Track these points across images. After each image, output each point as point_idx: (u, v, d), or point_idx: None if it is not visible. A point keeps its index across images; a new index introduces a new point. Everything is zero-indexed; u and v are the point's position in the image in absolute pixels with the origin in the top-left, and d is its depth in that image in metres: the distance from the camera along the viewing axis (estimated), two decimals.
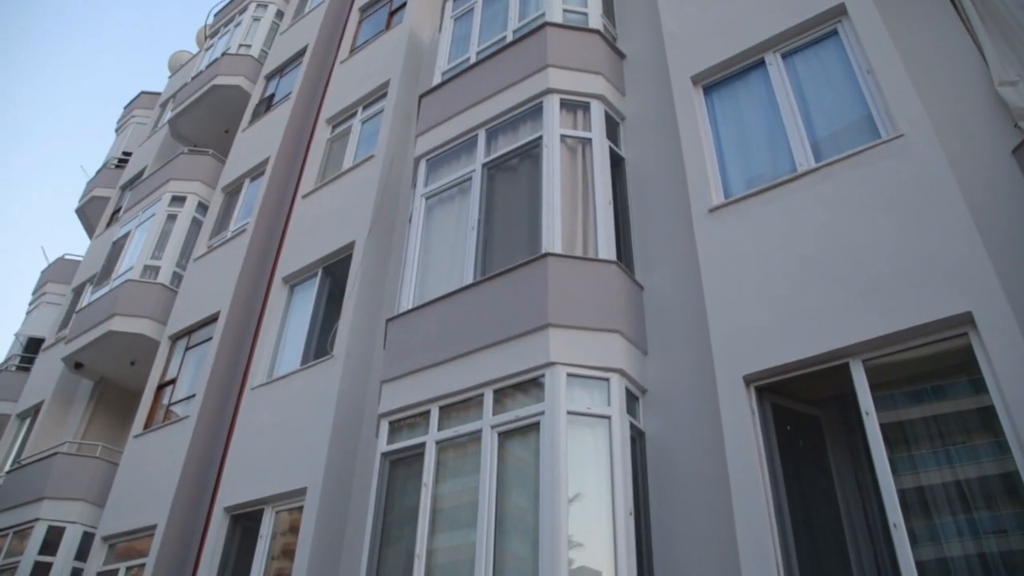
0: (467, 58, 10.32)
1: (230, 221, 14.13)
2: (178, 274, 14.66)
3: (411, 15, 13.57)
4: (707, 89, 7.94)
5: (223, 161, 16.32)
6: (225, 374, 11.32)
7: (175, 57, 25.49)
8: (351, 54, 14.58)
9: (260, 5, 19.70)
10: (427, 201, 8.96)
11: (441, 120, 9.54)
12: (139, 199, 16.76)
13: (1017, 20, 6.19)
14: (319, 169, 12.88)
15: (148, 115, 24.55)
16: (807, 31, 7.43)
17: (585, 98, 8.49)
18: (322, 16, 16.68)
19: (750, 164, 7.14)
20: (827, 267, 5.84)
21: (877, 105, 6.46)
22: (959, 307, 5.09)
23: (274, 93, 16.30)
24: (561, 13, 9.46)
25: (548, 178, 7.71)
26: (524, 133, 8.50)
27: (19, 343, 21.12)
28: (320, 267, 11.02)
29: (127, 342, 13.96)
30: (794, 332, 5.75)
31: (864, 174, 6.07)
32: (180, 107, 18.45)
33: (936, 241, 5.42)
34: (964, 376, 5.20)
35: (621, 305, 6.95)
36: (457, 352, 7.17)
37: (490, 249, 7.89)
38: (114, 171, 23.10)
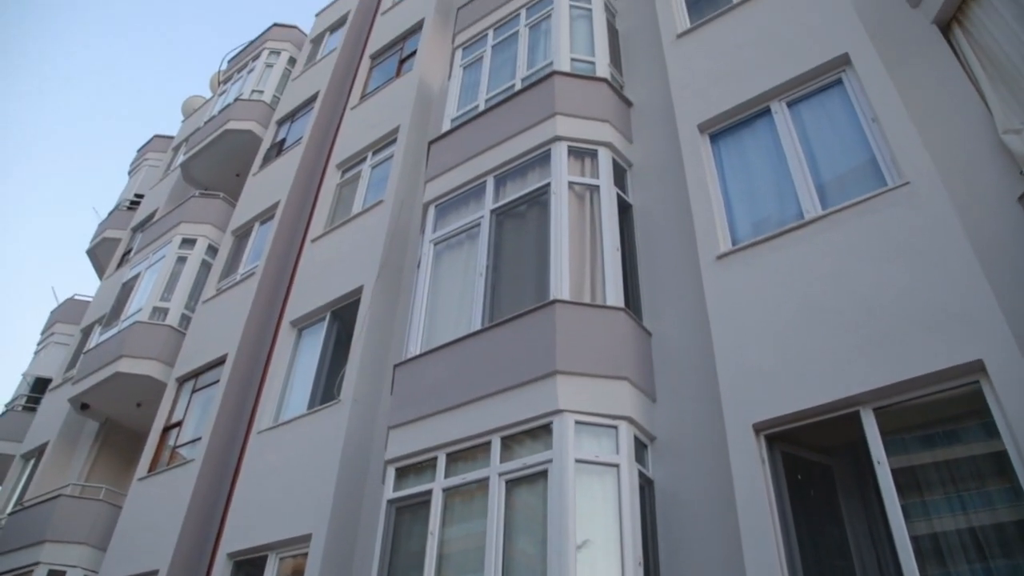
0: (476, 105, 10.47)
1: (239, 264, 14.22)
2: (187, 316, 14.73)
3: (421, 63, 13.82)
4: (714, 137, 8.02)
5: (234, 204, 16.51)
6: (231, 417, 11.29)
7: (188, 102, 25.95)
8: (361, 100, 14.82)
9: (273, 52, 20.12)
10: (435, 247, 9.02)
11: (450, 166, 9.65)
12: (150, 241, 16.92)
13: (1019, 69, 6.24)
14: (328, 213, 12.99)
15: (161, 158, 24.90)
16: (812, 80, 7.52)
17: (593, 145, 8.59)
18: (333, 63, 17.00)
19: (757, 211, 7.18)
20: (836, 314, 5.83)
21: (882, 153, 6.51)
22: (970, 355, 5.05)
23: (285, 138, 16.54)
24: (569, 62, 9.62)
25: (556, 225, 7.76)
26: (532, 180, 8.58)
27: (26, 383, 21.15)
28: (328, 311, 11.06)
29: (134, 383, 13.97)
30: (803, 380, 5.71)
31: (871, 221, 6.09)
32: (192, 151, 18.72)
33: (944, 288, 5.41)
34: (976, 421, 5.15)
35: (629, 352, 6.94)
36: (465, 398, 7.14)
37: (498, 295, 7.91)
38: (126, 213, 23.36)
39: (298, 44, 20.58)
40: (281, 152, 16.01)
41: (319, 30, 19.59)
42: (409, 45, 15.08)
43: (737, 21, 8.62)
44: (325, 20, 19.78)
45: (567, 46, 9.85)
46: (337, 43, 17.88)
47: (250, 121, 17.79)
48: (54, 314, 22.64)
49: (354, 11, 18.65)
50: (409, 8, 16.20)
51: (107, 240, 22.63)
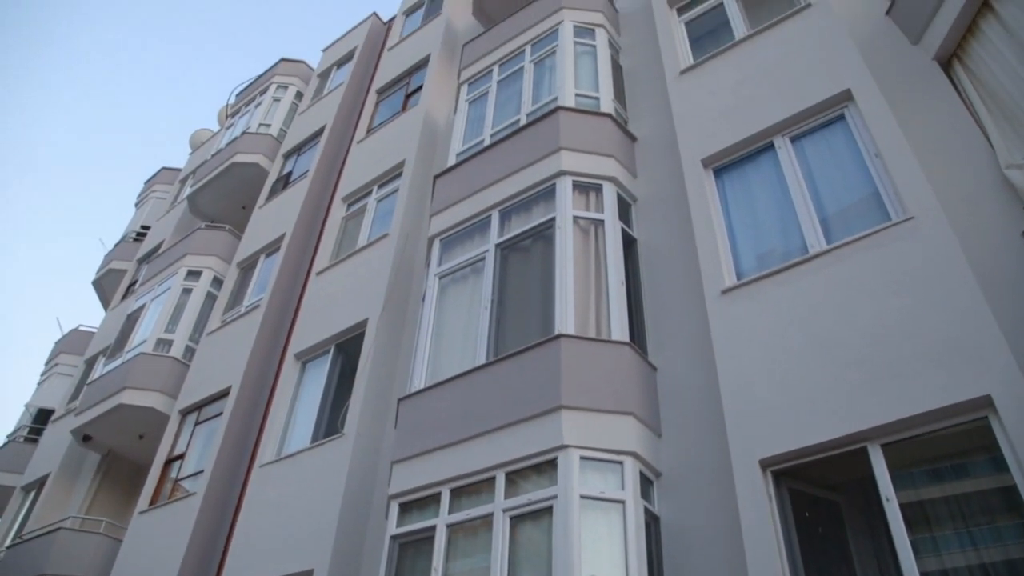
0: (481, 140, 10.55)
1: (244, 296, 14.25)
2: (191, 348, 14.73)
3: (427, 98, 13.97)
4: (717, 171, 8.07)
5: (239, 237, 16.59)
6: (234, 450, 11.23)
7: (196, 135, 26.20)
8: (368, 134, 14.96)
9: (281, 86, 20.36)
10: (440, 280, 9.04)
11: (455, 200, 9.71)
12: (155, 273, 16.99)
13: (1019, 104, 6.29)
14: (334, 246, 13.05)
15: (168, 190, 25.08)
16: (814, 116, 7.59)
17: (597, 180, 8.65)
18: (340, 97, 17.19)
19: (762, 246, 7.20)
20: (841, 349, 5.81)
21: (886, 187, 6.54)
22: (977, 390, 5.03)
23: (291, 171, 16.66)
24: (573, 97, 9.73)
25: (561, 259, 7.78)
26: (537, 214, 8.63)
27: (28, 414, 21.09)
28: (333, 344, 11.05)
29: (137, 415, 13.93)
30: (810, 416, 5.68)
31: (876, 256, 6.10)
32: (199, 183, 18.86)
33: (950, 323, 5.40)
34: (985, 455, 5.11)
35: (634, 387, 6.91)
36: (469, 433, 7.10)
37: (503, 329, 7.91)
38: (132, 244, 23.47)
39: (305, 78, 20.83)
40: (287, 185, 16.13)
41: (326, 65, 19.84)
42: (415, 80, 15.27)
43: (739, 58, 8.72)
44: (332, 55, 20.05)
45: (572, 82, 9.97)
46: (344, 78, 18.10)
47: (257, 154, 17.95)
48: (58, 345, 22.66)
49: (361, 46, 18.90)
50: (416, 44, 16.43)
51: (113, 271, 22.72)
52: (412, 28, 17.62)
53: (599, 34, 10.92)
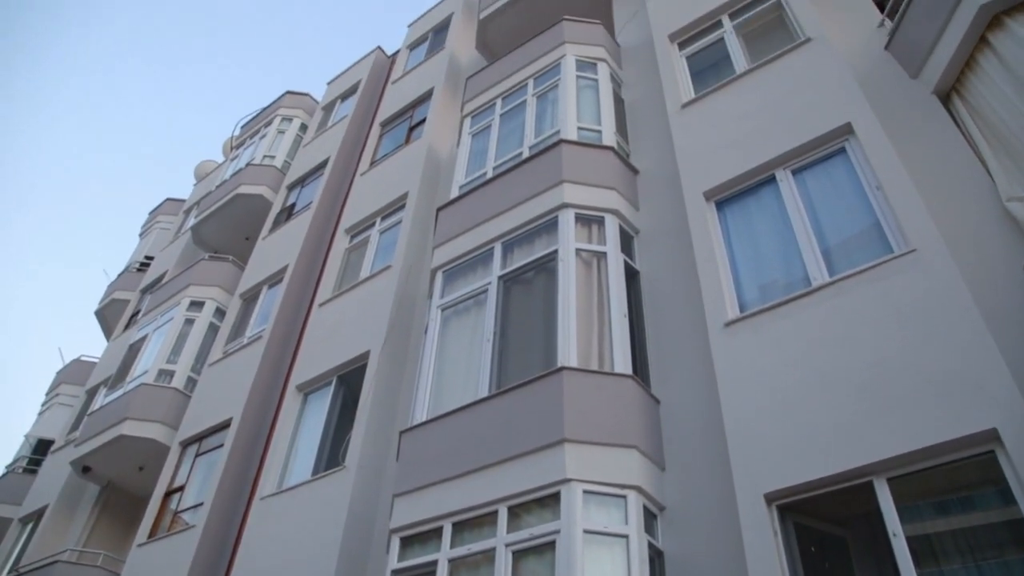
0: (484, 172, 10.62)
1: (246, 327, 14.25)
2: (192, 379, 14.70)
3: (430, 130, 14.10)
4: (719, 204, 8.10)
5: (243, 268, 16.64)
6: (234, 483, 11.16)
7: (201, 166, 26.40)
8: (371, 166, 15.07)
9: (285, 119, 20.57)
10: (443, 312, 9.04)
11: (458, 232, 9.75)
12: (158, 303, 17.02)
13: (1018, 138, 6.33)
14: (336, 278, 13.07)
15: (172, 221, 25.20)
16: (815, 149, 7.63)
17: (600, 212, 8.68)
18: (344, 130, 17.36)
19: (764, 278, 7.20)
20: (846, 383, 5.79)
21: (888, 220, 6.56)
22: (983, 423, 5.00)
23: (295, 203, 16.77)
24: (576, 130, 9.81)
25: (564, 291, 7.79)
26: (540, 246, 8.65)
27: (28, 444, 21.00)
28: (335, 376, 11.03)
29: (137, 447, 13.87)
30: (815, 449, 5.64)
31: (879, 289, 6.09)
32: (203, 214, 18.97)
33: (954, 356, 5.39)
34: (992, 488, 5.07)
35: (638, 420, 6.88)
36: (471, 467, 7.05)
37: (505, 362, 7.89)
38: (135, 275, 23.53)
39: (310, 111, 21.05)
40: (291, 216, 16.22)
41: (331, 98, 20.06)
42: (419, 113, 15.42)
43: (741, 91, 8.81)
44: (337, 88, 20.28)
45: (574, 115, 10.06)
46: (348, 110, 18.29)
47: (261, 186, 18.08)
48: (60, 375, 22.64)
49: (365, 80, 19.13)
50: (419, 77, 16.62)
51: (116, 301, 22.76)
52: (416, 62, 17.86)
53: (601, 68, 11.05)
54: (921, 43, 7.71)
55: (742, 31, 9.96)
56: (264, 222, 17.46)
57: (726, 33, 9.99)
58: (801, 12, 9.05)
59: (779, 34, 9.50)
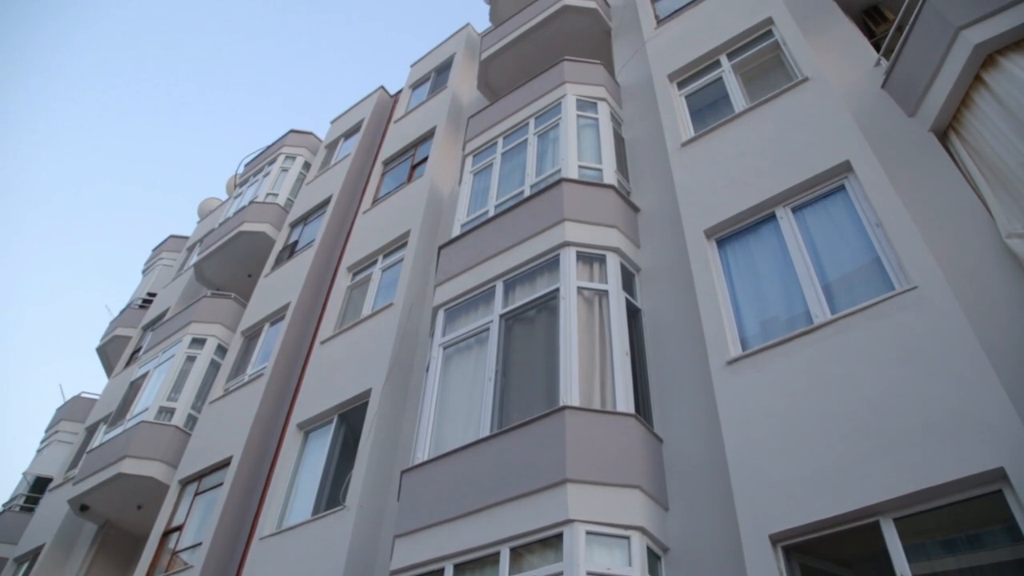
0: (486, 211, 10.68)
1: (248, 365, 14.22)
2: (193, 416, 14.64)
3: (432, 169, 14.21)
4: (720, 242, 8.13)
5: (245, 305, 16.66)
6: (234, 522, 11.04)
7: (204, 203, 26.58)
8: (373, 205, 15.17)
9: (289, 157, 20.76)
10: (445, 351, 9.02)
11: (460, 271, 9.77)
12: (160, 340, 17.01)
13: (1015, 174, 6.35)
14: (338, 316, 13.07)
15: (175, 258, 25.31)
16: (815, 187, 7.68)
17: (601, 251, 8.71)
18: (347, 168, 17.50)
19: (766, 316, 7.20)
20: (850, 421, 5.75)
21: (888, 257, 6.59)
22: (990, 462, 4.96)
23: (298, 240, 16.85)
24: (576, 169, 9.88)
25: (565, 330, 7.78)
26: (541, 285, 8.66)
27: (26, 482, 20.85)
28: (336, 414, 10.97)
29: (136, 485, 13.75)
30: (820, 489, 5.58)
31: (881, 326, 6.09)
32: (206, 251, 19.05)
33: (959, 394, 5.36)
34: (1000, 525, 5.01)
35: (640, 459, 6.82)
36: (473, 507, 6.98)
37: (507, 401, 7.85)
38: (137, 311, 23.56)
39: (313, 149, 21.25)
40: (293, 254, 16.28)
41: (334, 136, 20.27)
42: (421, 151, 15.57)
43: (740, 130, 8.89)
44: (340, 127, 20.49)
45: (575, 154, 10.15)
46: (351, 149, 18.47)
47: (264, 223, 18.18)
48: (59, 412, 22.57)
49: (368, 118, 19.34)
50: (422, 116, 16.80)
51: (118, 338, 22.76)
52: (418, 101, 18.07)
53: (601, 107, 11.17)
54: (917, 82, 7.78)
55: (740, 70, 10.10)
56: (267, 259, 17.53)
57: (724, 72, 10.12)
58: (798, 52, 9.17)
59: (777, 73, 9.63)
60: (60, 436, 21.45)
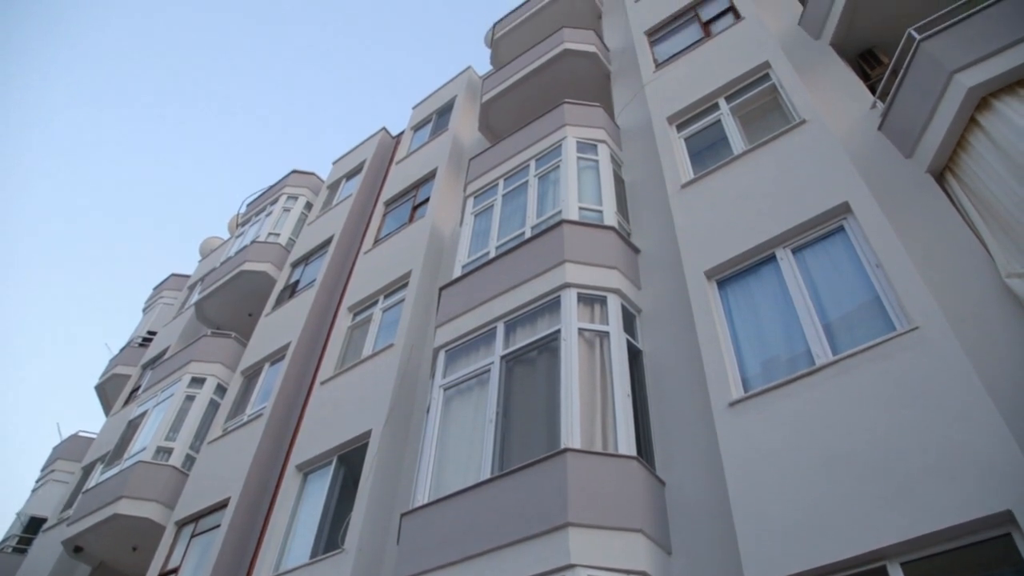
0: (487, 252, 10.72)
1: (247, 405, 14.16)
2: (191, 456, 14.53)
3: (433, 210, 14.31)
4: (721, 283, 8.14)
5: (245, 344, 16.64)
6: (231, 565, 10.88)
7: (206, 242, 26.69)
8: (375, 245, 15.24)
9: (291, 197, 20.91)
10: (445, 392, 8.99)
11: (460, 312, 9.77)
12: (159, 379, 16.96)
13: (1012, 215, 6.38)
14: (339, 356, 13.04)
15: (176, 296, 25.35)
16: (814, 228, 7.72)
17: (602, 292, 8.72)
18: (349, 208, 17.63)
19: (768, 357, 7.18)
20: (854, 463, 5.70)
21: (888, 297, 6.59)
22: (997, 505, 4.91)
23: (299, 280, 16.89)
24: (577, 211, 9.95)
25: (566, 372, 7.76)
26: (542, 326, 8.65)
27: (20, 523, 20.62)
28: (335, 456, 10.88)
29: (132, 526, 13.60)
30: (825, 533, 5.52)
31: (883, 367, 6.07)
32: (208, 290, 19.09)
33: (964, 436, 5.32)
34: (1010, 569, 4.93)
35: (643, 503, 6.75)
36: (474, 551, 6.89)
37: (508, 443, 7.80)
38: (137, 350, 23.54)
39: (315, 189, 21.42)
40: (294, 294, 16.31)
41: (336, 176, 20.44)
42: (422, 192, 15.70)
43: (738, 172, 8.96)
44: (342, 167, 20.69)
45: (575, 195, 10.22)
46: (353, 189, 18.62)
47: (265, 262, 18.25)
48: (56, 450, 22.42)
49: (370, 159, 19.53)
50: (423, 157, 16.97)
51: (117, 376, 22.70)
52: (420, 142, 18.27)
53: (601, 149, 11.28)
54: (913, 124, 7.86)
55: (738, 113, 10.22)
56: (267, 299, 17.55)
57: (723, 115, 10.24)
58: (795, 94, 9.29)
59: (775, 115, 9.74)
60: (56, 475, 21.29)
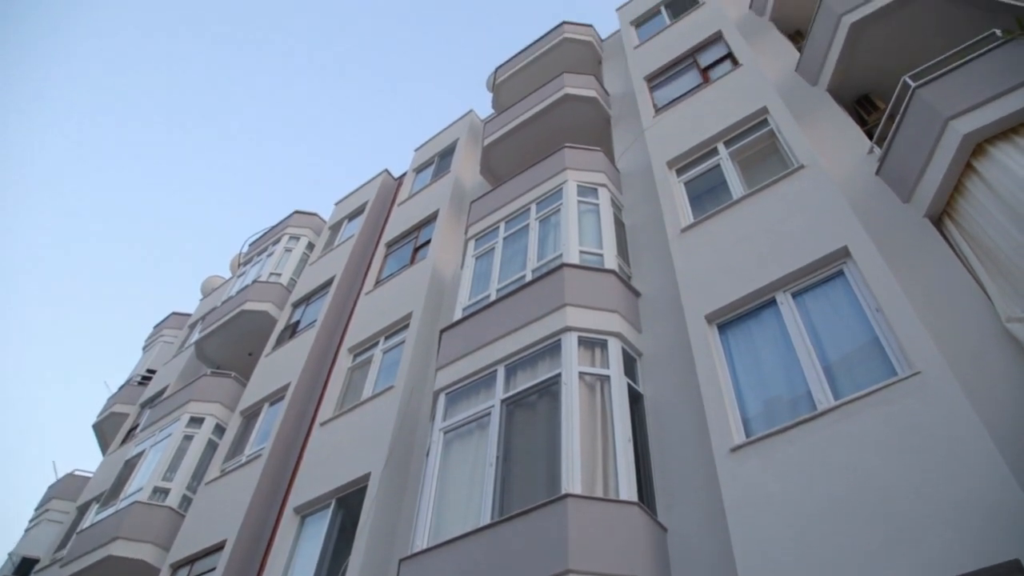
0: (487, 295, 10.74)
1: (246, 445, 14.06)
2: (188, 497, 14.39)
3: (434, 251, 14.38)
4: (721, 327, 8.15)
5: (244, 384, 16.58)
6: None
7: (208, 281, 26.74)
8: (376, 286, 15.28)
9: (293, 237, 21.02)
10: (445, 435, 8.93)
11: (461, 355, 9.76)
12: (158, 418, 16.87)
13: (1011, 259, 6.40)
14: (338, 397, 12.98)
15: (176, 335, 25.33)
16: (814, 272, 7.76)
17: (602, 335, 8.72)
18: (350, 249, 17.71)
19: (769, 402, 7.16)
20: (858, 510, 5.64)
21: (889, 342, 6.59)
22: (1004, 553, 4.84)
23: (299, 320, 16.90)
24: (578, 254, 10.00)
25: (567, 416, 7.72)
26: (543, 370, 8.63)
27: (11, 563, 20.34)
28: (334, 498, 10.76)
29: (126, 568, 13.41)
30: None
31: (885, 412, 6.04)
32: (208, 329, 19.09)
33: (968, 483, 5.28)
34: None
35: (644, 549, 6.67)
36: None
37: (508, 487, 7.73)
38: (136, 388, 23.44)
39: (317, 230, 21.54)
40: (295, 334, 16.30)
41: (338, 217, 20.58)
42: (424, 234, 15.78)
43: (738, 216, 9.03)
44: (344, 208, 20.83)
45: (576, 239, 10.29)
46: (355, 230, 18.72)
47: (266, 302, 18.28)
48: (51, 489, 22.18)
49: (372, 201, 19.68)
50: (425, 199, 17.11)
51: (115, 414, 22.57)
52: (422, 184, 18.43)
53: (602, 193, 11.38)
54: (910, 169, 7.93)
55: (737, 157, 10.33)
56: (268, 339, 17.54)
57: (722, 159, 10.35)
58: (793, 139, 9.41)
59: (773, 160, 9.85)
60: (50, 515, 21.03)
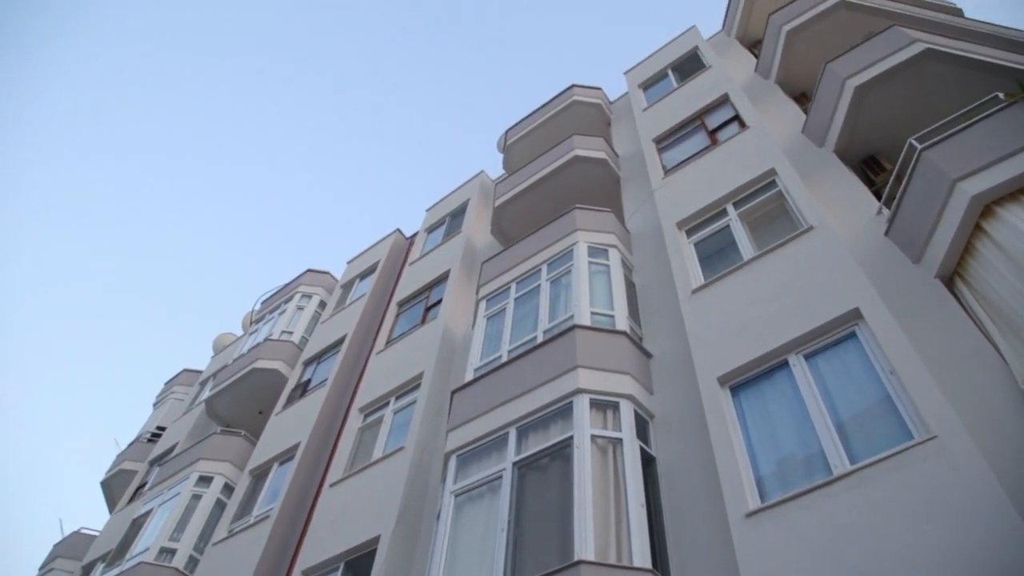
0: (499, 356, 10.72)
1: (254, 505, 13.90)
2: (195, 558, 14.18)
3: (446, 311, 14.43)
4: (734, 389, 8.09)
5: (254, 443, 16.49)
6: None
7: (220, 339, 26.83)
8: (387, 346, 15.30)
9: (305, 295, 21.16)
10: (456, 498, 8.83)
11: (473, 416, 9.71)
12: (166, 476, 16.75)
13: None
14: (349, 458, 12.88)
15: (187, 392, 25.32)
16: (826, 334, 7.73)
17: (614, 397, 8.67)
18: (362, 308, 17.79)
19: (784, 466, 7.06)
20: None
21: (904, 405, 6.53)
22: None
23: (310, 379, 16.89)
24: (589, 316, 10.01)
25: (579, 480, 7.64)
26: (555, 432, 8.57)
27: None
28: (342, 562, 10.60)
29: None
30: None
31: (902, 477, 5.95)
32: (219, 387, 19.09)
33: (991, 550, 5.17)
34: None
35: None
36: None
37: (520, 552, 7.60)
38: (145, 445, 23.34)
39: (329, 289, 21.68)
40: (305, 393, 16.27)
41: (350, 276, 20.72)
42: (435, 294, 15.86)
43: (749, 277, 9.06)
44: (356, 267, 20.99)
45: (587, 300, 10.31)
46: (366, 289, 18.83)
47: (278, 360, 18.30)
48: (56, 548, 21.87)
49: (384, 260, 19.84)
50: (436, 259, 17.24)
51: (123, 472, 22.42)
52: (433, 244, 18.59)
53: (612, 254, 11.45)
54: (919, 231, 7.95)
55: (747, 219, 10.40)
56: (279, 397, 17.51)
57: (731, 220, 10.42)
58: (801, 201, 9.48)
59: (782, 221, 9.90)
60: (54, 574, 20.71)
